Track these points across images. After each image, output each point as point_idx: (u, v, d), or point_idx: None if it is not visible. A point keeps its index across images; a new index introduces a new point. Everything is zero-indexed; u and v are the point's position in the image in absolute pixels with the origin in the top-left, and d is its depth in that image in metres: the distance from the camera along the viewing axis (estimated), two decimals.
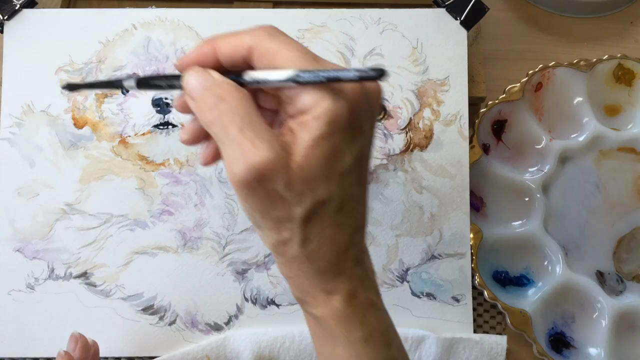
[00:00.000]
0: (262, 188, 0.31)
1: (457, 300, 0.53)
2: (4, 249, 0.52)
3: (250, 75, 0.32)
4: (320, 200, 0.31)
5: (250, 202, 0.32)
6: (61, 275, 0.52)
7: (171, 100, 0.53)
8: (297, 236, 0.32)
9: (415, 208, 0.53)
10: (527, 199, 0.56)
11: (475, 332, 0.52)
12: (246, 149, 0.30)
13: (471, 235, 0.53)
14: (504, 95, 0.56)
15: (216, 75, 0.33)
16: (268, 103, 0.35)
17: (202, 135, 0.35)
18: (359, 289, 0.35)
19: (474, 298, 0.53)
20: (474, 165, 0.54)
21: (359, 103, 0.31)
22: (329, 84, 0.30)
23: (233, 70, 0.33)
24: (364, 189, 0.34)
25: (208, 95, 0.32)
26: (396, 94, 0.54)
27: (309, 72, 0.30)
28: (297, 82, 0.30)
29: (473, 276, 0.52)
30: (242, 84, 0.32)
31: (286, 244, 0.33)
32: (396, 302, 0.52)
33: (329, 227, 0.32)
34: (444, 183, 0.53)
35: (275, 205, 0.31)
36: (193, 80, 0.33)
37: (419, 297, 0.53)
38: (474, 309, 0.53)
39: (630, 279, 0.55)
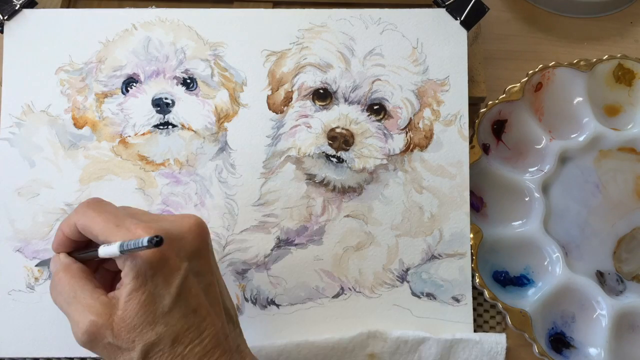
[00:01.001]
0: (97, 344, 0.38)
1: (457, 301, 0.53)
2: (4, 249, 0.52)
3: (101, 251, 0.39)
4: (150, 342, 0.37)
5: (100, 355, 0.39)
6: None
7: (171, 100, 0.53)
8: None
9: (415, 208, 0.53)
10: (527, 199, 0.56)
11: (475, 332, 0.52)
12: (75, 318, 0.38)
13: (471, 235, 0.53)
14: (504, 95, 0.56)
15: (62, 258, 0.42)
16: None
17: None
18: None
19: (474, 298, 0.53)
20: (474, 165, 0.54)
21: (158, 254, 0.37)
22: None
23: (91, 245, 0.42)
24: (203, 316, 0.39)
25: (51, 279, 0.41)
26: (396, 94, 0.54)
27: (126, 250, 0.37)
28: (122, 253, 0.37)
29: (473, 276, 0.52)
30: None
31: None
32: (396, 302, 0.53)
33: None
34: (444, 183, 0.53)
35: (115, 354, 0.38)
36: (51, 266, 0.43)
37: (419, 297, 0.53)
38: (474, 309, 0.53)
39: (630, 279, 0.55)
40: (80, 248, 0.43)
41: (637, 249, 0.55)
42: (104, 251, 0.38)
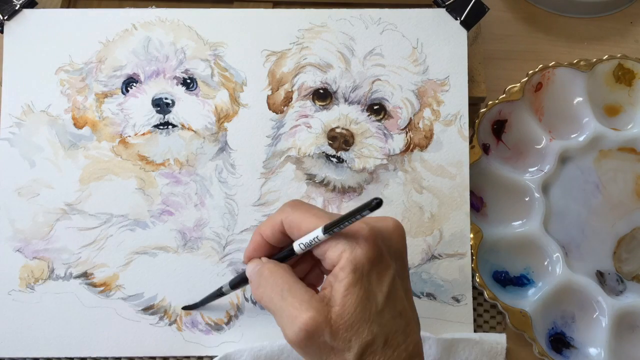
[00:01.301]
0: (312, 343, 0.36)
1: (458, 301, 0.53)
2: (4, 249, 0.52)
3: (297, 244, 0.39)
4: (366, 342, 0.35)
5: (308, 356, 0.37)
6: (61, 275, 0.52)
7: (171, 100, 0.53)
8: None
9: (415, 208, 0.53)
10: (527, 199, 0.56)
11: (475, 332, 0.52)
12: (290, 312, 0.36)
13: (471, 235, 0.53)
14: (504, 95, 0.56)
15: (265, 260, 0.41)
16: (310, 266, 0.42)
17: None
18: None
19: (474, 298, 0.53)
20: (474, 165, 0.54)
21: (375, 246, 0.36)
22: (347, 234, 0.37)
23: (286, 247, 0.40)
24: (407, 320, 0.38)
25: (255, 277, 0.40)
26: (396, 94, 0.54)
27: (331, 224, 0.36)
28: (325, 234, 0.37)
29: (473, 276, 0.52)
30: (290, 256, 0.40)
31: None
32: None
33: None
34: (444, 183, 0.53)
35: (328, 355, 0.36)
36: (249, 269, 0.41)
37: (419, 297, 0.53)
38: (474, 309, 0.53)
39: (630, 279, 0.55)
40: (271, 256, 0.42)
41: (637, 249, 0.55)
42: (306, 238, 0.37)
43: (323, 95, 0.54)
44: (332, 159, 0.53)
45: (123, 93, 0.54)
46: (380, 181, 0.53)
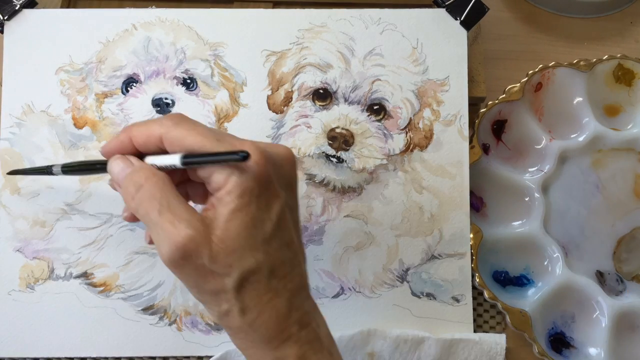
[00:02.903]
0: (189, 264, 0.33)
1: (457, 301, 0.53)
2: (4, 249, 0.52)
3: (148, 160, 0.36)
4: (249, 269, 0.33)
5: (184, 279, 0.35)
6: (61, 275, 0.52)
7: (171, 100, 0.53)
8: (235, 306, 0.34)
9: (415, 208, 0.53)
10: (527, 199, 0.56)
11: (475, 332, 0.52)
12: (167, 230, 0.33)
13: (471, 235, 0.53)
14: (504, 95, 0.56)
15: (135, 161, 0.36)
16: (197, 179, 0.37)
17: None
18: (308, 353, 0.35)
19: (474, 298, 0.53)
20: (474, 165, 0.54)
21: (266, 172, 0.34)
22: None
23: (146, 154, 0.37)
24: (295, 252, 0.36)
25: (129, 184, 0.35)
26: (396, 94, 0.54)
27: (192, 157, 0.34)
28: (184, 165, 0.34)
29: (473, 276, 0.52)
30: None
31: (228, 315, 0.35)
32: (396, 302, 0.53)
33: (264, 294, 0.34)
34: (444, 183, 0.53)
35: (206, 279, 0.34)
36: (116, 168, 0.36)
37: (419, 297, 0.53)
38: (474, 309, 0.53)
39: (630, 279, 0.55)
40: None
41: (637, 249, 0.55)
42: (161, 161, 0.34)
43: (323, 95, 0.54)
44: (332, 159, 0.53)
45: (123, 93, 0.54)
46: (380, 181, 0.53)
